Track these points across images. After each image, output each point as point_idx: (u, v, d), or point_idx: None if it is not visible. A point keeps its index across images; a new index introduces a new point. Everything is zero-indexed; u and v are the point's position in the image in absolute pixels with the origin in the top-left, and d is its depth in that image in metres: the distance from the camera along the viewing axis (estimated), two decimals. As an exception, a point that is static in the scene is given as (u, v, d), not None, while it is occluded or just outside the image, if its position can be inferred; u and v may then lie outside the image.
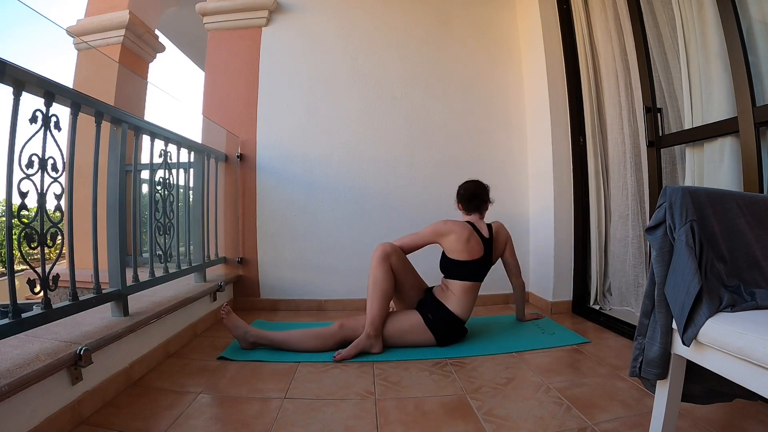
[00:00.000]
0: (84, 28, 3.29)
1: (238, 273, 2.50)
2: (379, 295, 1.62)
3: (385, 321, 1.66)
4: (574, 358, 1.62)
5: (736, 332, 0.70)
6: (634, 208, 2.07)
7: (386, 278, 1.65)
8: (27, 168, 1.04)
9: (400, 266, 1.72)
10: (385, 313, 1.64)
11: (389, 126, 2.58)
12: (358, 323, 1.66)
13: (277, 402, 1.24)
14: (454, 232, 1.75)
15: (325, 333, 1.66)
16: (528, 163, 2.63)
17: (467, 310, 1.74)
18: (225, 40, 2.64)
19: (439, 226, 1.77)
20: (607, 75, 2.20)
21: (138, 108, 3.33)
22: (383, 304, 1.63)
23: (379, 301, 1.62)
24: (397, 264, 1.70)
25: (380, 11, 2.64)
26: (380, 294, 1.63)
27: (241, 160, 2.55)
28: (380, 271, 1.65)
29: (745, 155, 1.36)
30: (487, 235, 1.82)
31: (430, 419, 1.14)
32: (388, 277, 1.65)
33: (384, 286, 1.64)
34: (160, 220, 1.77)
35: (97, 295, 1.34)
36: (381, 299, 1.62)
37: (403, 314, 1.73)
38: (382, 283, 1.64)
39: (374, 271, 1.66)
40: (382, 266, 1.65)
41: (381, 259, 1.66)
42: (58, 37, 4.25)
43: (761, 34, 1.37)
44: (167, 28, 4.04)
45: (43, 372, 0.98)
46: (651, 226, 0.90)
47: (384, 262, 1.65)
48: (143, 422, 1.12)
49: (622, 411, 1.16)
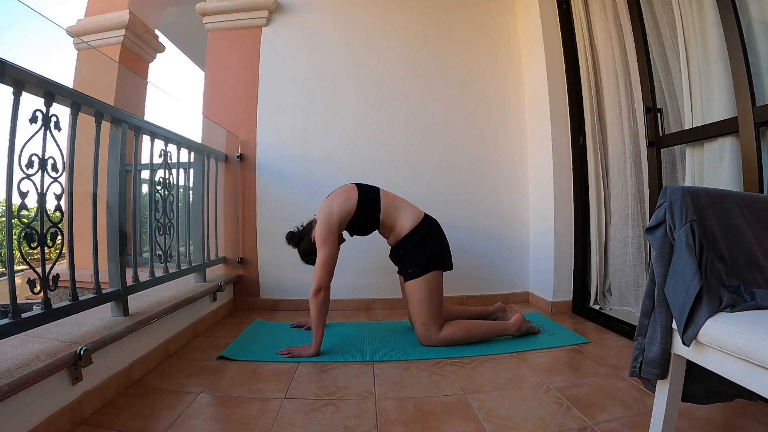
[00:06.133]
0: (84, 28, 3.29)
1: (238, 273, 2.50)
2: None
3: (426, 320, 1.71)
4: (574, 358, 1.62)
5: (736, 332, 0.70)
6: (634, 208, 2.07)
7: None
8: (27, 168, 1.04)
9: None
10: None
11: (389, 126, 2.58)
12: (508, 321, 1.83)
13: (277, 402, 1.24)
14: (338, 204, 1.75)
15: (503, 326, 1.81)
16: (528, 163, 2.63)
17: (409, 219, 1.78)
18: (225, 40, 2.64)
19: (328, 216, 1.73)
20: (607, 75, 2.20)
21: (138, 108, 3.33)
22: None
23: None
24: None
25: (380, 11, 2.64)
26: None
27: (241, 160, 2.55)
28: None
29: (745, 155, 1.36)
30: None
31: (430, 419, 1.14)
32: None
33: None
34: (160, 220, 1.77)
35: (97, 295, 1.34)
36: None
37: (411, 297, 1.74)
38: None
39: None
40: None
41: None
42: (56, 36, 4.24)
43: (761, 34, 1.36)
44: (167, 28, 4.03)
45: (43, 372, 0.98)
46: (651, 226, 0.90)
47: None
48: (143, 422, 1.12)
49: (622, 411, 1.16)
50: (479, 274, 2.55)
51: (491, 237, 2.58)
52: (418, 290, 1.72)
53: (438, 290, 1.74)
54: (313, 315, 1.63)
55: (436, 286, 1.73)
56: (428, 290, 1.71)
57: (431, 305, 1.71)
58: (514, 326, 1.82)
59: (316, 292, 1.63)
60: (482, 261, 2.56)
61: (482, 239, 2.57)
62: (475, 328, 1.76)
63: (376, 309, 2.47)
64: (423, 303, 1.71)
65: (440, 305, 1.74)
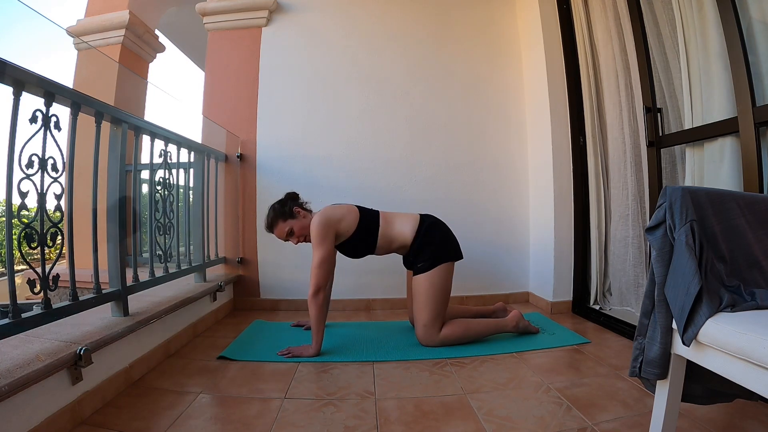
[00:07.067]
0: (84, 28, 3.29)
1: (238, 273, 2.50)
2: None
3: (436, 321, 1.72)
4: (574, 358, 1.62)
5: (736, 332, 0.70)
6: (634, 208, 2.06)
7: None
8: (27, 168, 1.04)
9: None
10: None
11: (389, 126, 2.58)
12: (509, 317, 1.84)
13: (277, 402, 1.24)
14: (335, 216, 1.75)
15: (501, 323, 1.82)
16: (528, 162, 2.63)
17: (408, 227, 1.80)
18: (225, 40, 2.64)
19: (324, 224, 1.71)
20: (607, 75, 2.20)
21: (138, 108, 3.33)
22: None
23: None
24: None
25: (380, 11, 2.64)
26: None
27: (241, 160, 2.55)
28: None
29: (745, 155, 1.36)
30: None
31: (430, 419, 1.14)
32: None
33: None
34: (160, 220, 1.77)
35: (97, 295, 1.34)
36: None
37: (420, 294, 1.73)
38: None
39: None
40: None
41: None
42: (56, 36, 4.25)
43: (761, 34, 1.36)
44: (167, 28, 4.03)
45: (43, 372, 0.98)
46: (651, 226, 0.90)
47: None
48: (143, 422, 1.12)
49: (622, 411, 1.16)
50: (479, 274, 2.55)
51: (491, 237, 2.58)
52: (425, 286, 1.72)
53: (444, 291, 1.74)
54: (312, 316, 1.63)
55: (443, 286, 1.73)
56: (434, 288, 1.71)
57: (435, 307, 1.71)
58: (512, 322, 1.82)
59: (315, 294, 1.62)
60: (482, 261, 2.56)
61: (482, 239, 2.57)
62: (474, 326, 1.76)
63: (377, 309, 2.47)
64: (427, 303, 1.71)
65: (444, 307, 1.74)
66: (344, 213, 1.77)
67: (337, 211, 1.77)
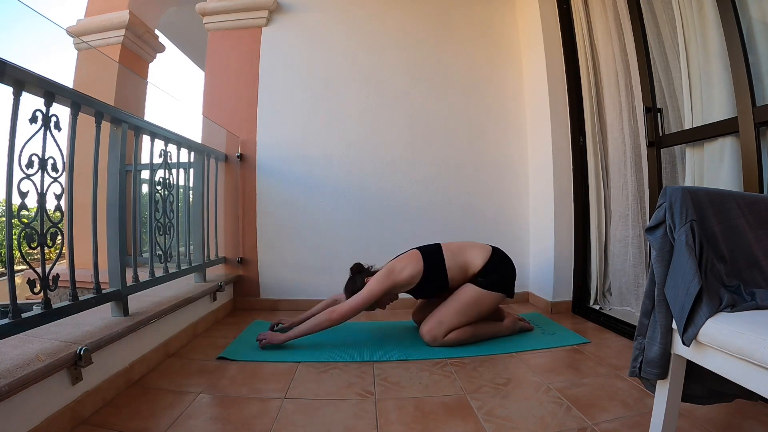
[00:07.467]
0: (84, 28, 3.29)
1: (238, 273, 2.50)
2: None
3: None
4: (574, 358, 1.62)
5: (736, 332, 0.70)
6: (634, 208, 2.06)
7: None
8: (27, 168, 1.04)
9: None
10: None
11: (389, 126, 2.58)
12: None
13: (277, 402, 1.24)
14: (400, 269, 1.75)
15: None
16: (528, 163, 2.63)
17: (479, 257, 1.79)
18: (225, 40, 2.64)
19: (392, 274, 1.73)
20: (607, 75, 2.20)
21: (138, 108, 3.33)
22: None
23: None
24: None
25: (380, 11, 2.64)
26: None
27: (241, 160, 2.55)
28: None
29: (745, 155, 1.36)
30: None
31: (430, 419, 1.14)
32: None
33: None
34: (160, 220, 1.77)
35: (97, 295, 1.34)
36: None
37: (459, 305, 1.72)
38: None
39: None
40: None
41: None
42: (56, 36, 4.25)
43: (761, 34, 1.36)
44: (167, 28, 4.03)
45: (43, 372, 0.98)
46: (651, 226, 0.90)
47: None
48: (143, 422, 1.12)
49: (622, 411, 1.16)
50: (479, 274, 2.54)
51: (491, 237, 2.57)
52: (471, 296, 1.72)
53: (478, 312, 1.73)
54: (312, 322, 1.65)
55: (482, 308, 1.73)
56: (476, 304, 1.72)
57: (462, 317, 1.71)
58: (508, 330, 1.87)
59: (336, 319, 1.63)
60: (482, 261, 2.55)
61: (482, 239, 2.55)
62: (479, 331, 1.77)
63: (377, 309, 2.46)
64: (460, 310, 1.71)
65: (466, 323, 1.73)
66: (406, 261, 1.77)
67: (398, 263, 1.77)
